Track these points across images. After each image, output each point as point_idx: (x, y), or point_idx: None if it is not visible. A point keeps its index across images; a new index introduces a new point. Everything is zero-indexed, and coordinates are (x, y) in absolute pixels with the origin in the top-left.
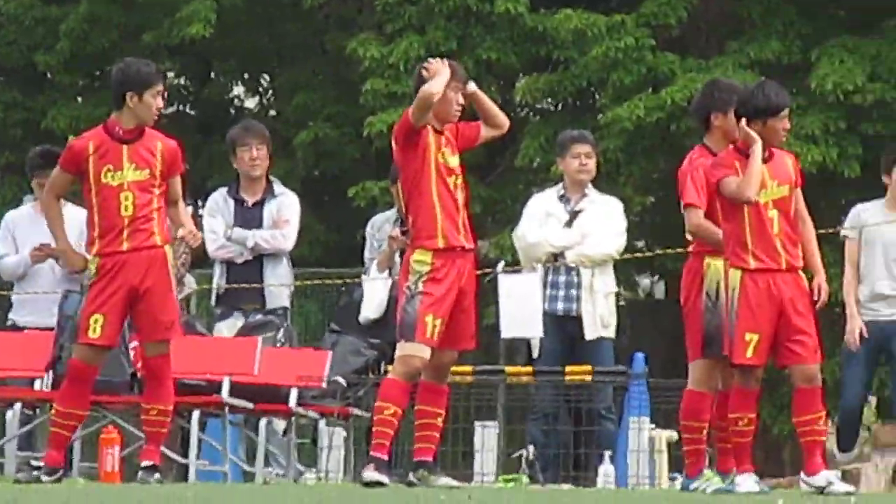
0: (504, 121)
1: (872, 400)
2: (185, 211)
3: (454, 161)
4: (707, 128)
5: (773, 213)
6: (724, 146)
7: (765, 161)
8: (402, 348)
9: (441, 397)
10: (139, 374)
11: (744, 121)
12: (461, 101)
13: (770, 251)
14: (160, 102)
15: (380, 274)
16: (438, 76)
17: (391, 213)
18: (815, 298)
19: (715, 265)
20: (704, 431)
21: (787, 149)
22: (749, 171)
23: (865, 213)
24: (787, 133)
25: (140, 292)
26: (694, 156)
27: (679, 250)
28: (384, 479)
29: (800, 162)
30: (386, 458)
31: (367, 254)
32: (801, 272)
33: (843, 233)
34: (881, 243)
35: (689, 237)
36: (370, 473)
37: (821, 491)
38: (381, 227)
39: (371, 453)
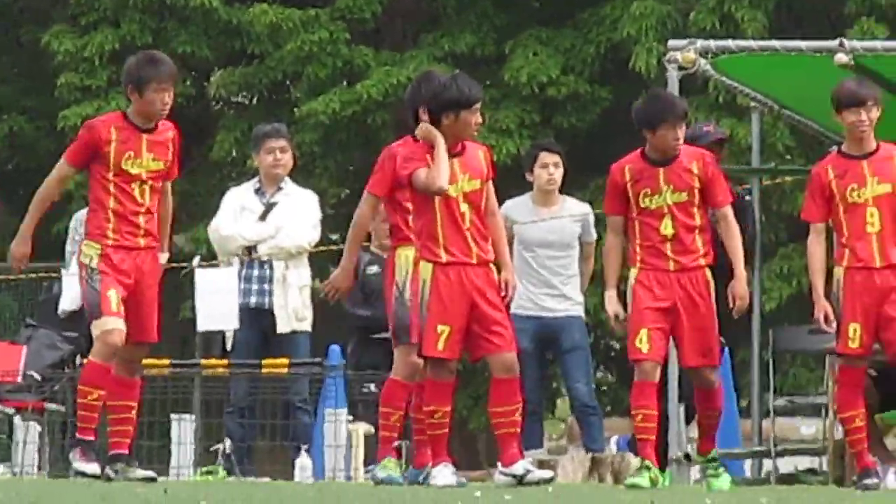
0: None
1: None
2: None
3: (152, 164)
4: (416, 121)
5: (464, 207)
6: None
7: (457, 155)
8: (96, 326)
9: (132, 390)
10: None
11: (427, 116)
12: (167, 100)
13: (461, 245)
14: None
15: None
16: None
17: None
18: (503, 294)
19: (405, 255)
20: (394, 419)
21: (481, 142)
22: (437, 161)
23: (511, 210)
24: (480, 127)
25: None
26: (396, 144)
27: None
28: (90, 468)
29: (494, 154)
30: (93, 439)
31: (68, 247)
32: (491, 266)
33: None
34: (522, 240)
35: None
36: (78, 463)
37: (520, 480)
38: (84, 221)
39: (77, 436)
